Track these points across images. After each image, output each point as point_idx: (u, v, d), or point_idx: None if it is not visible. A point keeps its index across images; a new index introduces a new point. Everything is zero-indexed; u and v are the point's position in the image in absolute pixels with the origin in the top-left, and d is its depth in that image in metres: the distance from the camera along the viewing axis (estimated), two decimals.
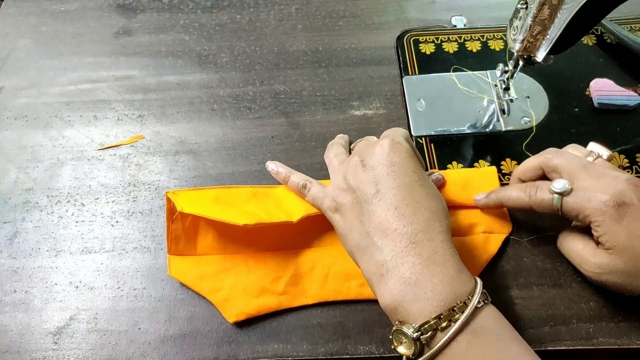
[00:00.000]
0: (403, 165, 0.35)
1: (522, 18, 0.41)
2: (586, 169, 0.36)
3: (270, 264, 0.42)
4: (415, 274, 0.31)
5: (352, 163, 0.37)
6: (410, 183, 0.34)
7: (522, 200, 0.38)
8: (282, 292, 0.41)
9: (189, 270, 0.42)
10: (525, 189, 0.38)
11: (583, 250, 0.37)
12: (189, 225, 0.42)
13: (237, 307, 0.40)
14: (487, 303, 0.32)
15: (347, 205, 0.36)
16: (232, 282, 0.41)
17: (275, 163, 0.45)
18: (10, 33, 0.59)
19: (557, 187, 0.36)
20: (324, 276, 0.41)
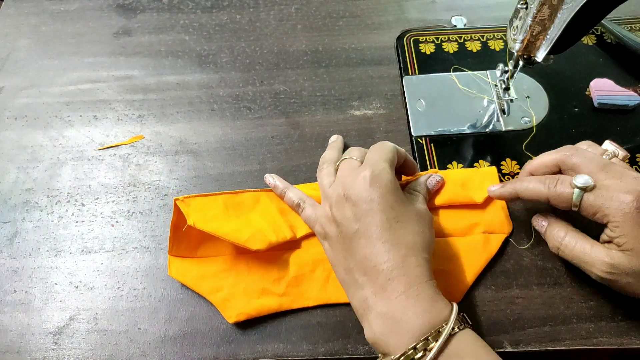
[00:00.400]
0: (381, 202, 0.35)
1: (522, 18, 0.41)
2: (606, 168, 0.36)
3: (271, 265, 0.42)
4: (391, 309, 0.33)
5: (336, 195, 0.37)
6: (388, 220, 0.35)
7: (540, 192, 0.37)
8: (283, 293, 0.40)
9: (189, 270, 0.42)
10: (544, 181, 0.37)
11: (593, 249, 0.35)
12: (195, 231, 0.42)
13: (237, 307, 0.40)
14: (464, 328, 0.32)
15: (334, 237, 0.38)
16: (233, 282, 0.41)
17: (273, 176, 0.45)
18: (10, 33, 0.59)
19: (579, 182, 0.35)
20: (325, 278, 0.41)
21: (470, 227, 0.43)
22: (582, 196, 0.35)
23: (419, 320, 0.32)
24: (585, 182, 0.35)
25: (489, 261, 0.42)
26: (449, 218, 0.43)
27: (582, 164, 0.37)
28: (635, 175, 0.35)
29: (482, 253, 0.42)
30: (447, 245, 0.42)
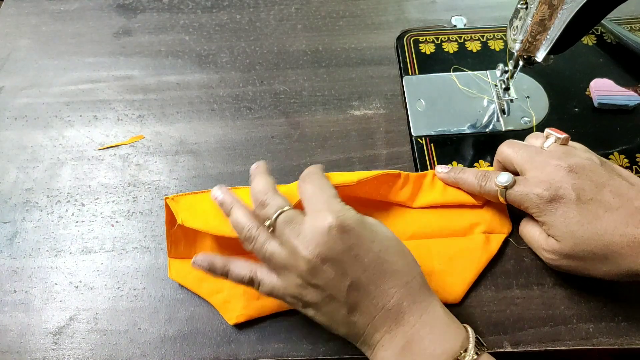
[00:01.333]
0: (361, 243, 0.32)
1: (522, 18, 0.41)
2: (532, 160, 0.38)
3: None
4: (408, 342, 0.32)
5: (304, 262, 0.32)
6: (377, 257, 0.33)
7: (473, 187, 0.41)
8: None
9: (189, 272, 0.41)
10: (478, 177, 0.41)
11: (539, 237, 0.38)
12: (188, 229, 0.42)
13: (237, 308, 0.40)
14: (482, 352, 0.32)
15: (319, 302, 0.33)
16: (233, 284, 0.40)
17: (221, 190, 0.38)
18: (10, 33, 0.59)
19: (501, 181, 0.38)
20: None
21: (471, 227, 0.43)
22: (505, 194, 0.38)
23: (437, 350, 0.31)
24: (506, 181, 0.38)
25: (489, 261, 0.42)
26: (449, 218, 0.43)
27: (513, 157, 0.40)
28: (557, 162, 0.37)
29: (483, 253, 0.42)
30: (447, 245, 0.42)
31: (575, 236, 0.35)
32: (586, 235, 0.35)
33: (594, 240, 0.34)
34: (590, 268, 0.36)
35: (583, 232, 0.35)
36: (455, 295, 0.40)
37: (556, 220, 0.36)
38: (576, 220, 0.35)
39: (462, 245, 0.42)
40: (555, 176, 0.36)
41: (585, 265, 0.36)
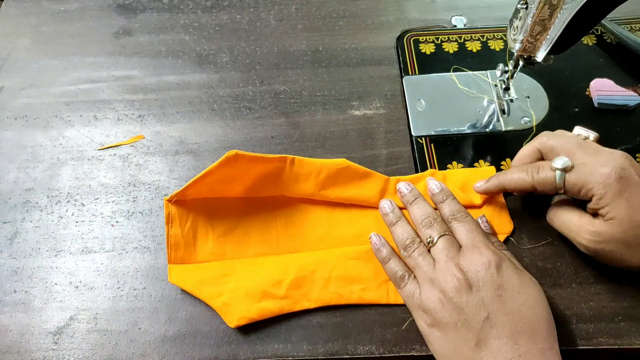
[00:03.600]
0: (509, 289, 0.34)
1: (522, 18, 0.41)
2: (582, 146, 0.38)
3: (271, 267, 0.41)
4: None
5: (454, 280, 0.35)
6: (520, 307, 0.33)
7: (524, 181, 0.39)
8: (284, 296, 0.40)
9: (189, 276, 0.41)
10: (527, 170, 0.39)
11: (580, 220, 0.37)
12: (187, 231, 0.42)
13: (238, 311, 0.39)
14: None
15: (451, 325, 0.34)
16: (233, 287, 0.40)
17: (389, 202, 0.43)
18: (10, 33, 0.59)
19: (558, 164, 0.37)
20: (326, 279, 0.41)
21: None
22: (564, 177, 0.36)
23: None
24: (564, 163, 0.36)
25: None
26: None
27: (559, 145, 0.38)
28: (611, 150, 0.37)
29: None
30: None
31: (633, 220, 0.34)
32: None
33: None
34: (630, 255, 0.36)
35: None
36: None
37: (620, 202, 0.35)
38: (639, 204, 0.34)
39: None
40: (615, 159, 0.36)
41: (627, 253, 0.36)
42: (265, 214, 0.44)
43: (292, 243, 0.43)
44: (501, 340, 0.32)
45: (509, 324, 0.33)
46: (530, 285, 0.35)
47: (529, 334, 0.33)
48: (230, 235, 0.43)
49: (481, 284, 0.34)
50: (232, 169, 0.41)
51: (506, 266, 0.35)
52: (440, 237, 0.38)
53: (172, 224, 0.42)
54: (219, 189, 0.43)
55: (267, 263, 0.42)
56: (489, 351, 0.33)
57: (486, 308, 0.33)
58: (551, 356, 0.33)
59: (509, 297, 0.34)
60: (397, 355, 0.39)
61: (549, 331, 0.34)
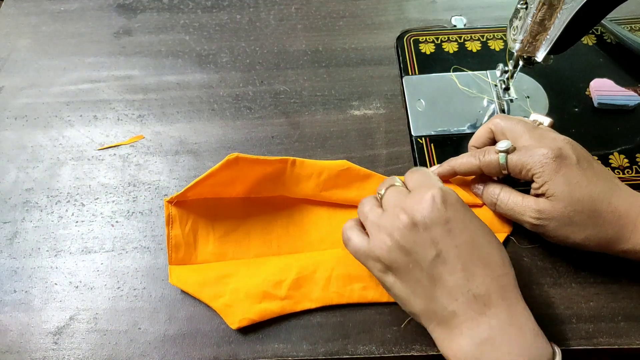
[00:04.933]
0: (458, 221, 0.33)
1: (522, 18, 0.41)
2: (529, 131, 0.39)
3: (271, 268, 0.41)
4: (492, 336, 0.31)
5: (398, 221, 0.33)
6: (471, 239, 0.33)
7: (472, 164, 0.41)
8: (285, 296, 0.40)
9: (189, 277, 0.41)
10: (474, 154, 0.41)
11: (523, 200, 0.39)
12: (188, 232, 0.42)
13: (239, 313, 0.39)
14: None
15: (403, 267, 0.33)
16: (234, 288, 0.40)
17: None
18: (10, 33, 0.59)
19: (501, 146, 0.39)
20: (327, 279, 0.41)
21: None
22: (506, 158, 0.38)
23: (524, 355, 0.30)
24: (507, 145, 0.39)
25: None
26: None
27: (509, 128, 0.40)
28: (555, 136, 0.39)
29: None
30: None
31: (572, 196, 0.36)
32: (582, 197, 0.36)
33: (587, 203, 0.36)
34: (573, 232, 0.37)
35: (580, 194, 0.36)
36: None
37: (558, 179, 0.36)
38: (576, 181, 0.36)
39: None
40: (555, 143, 0.38)
41: (569, 229, 0.37)
42: (266, 214, 0.44)
43: (293, 244, 0.43)
44: (455, 274, 0.32)
45: (461, 258, 0.32)
46: (477, 218, 0.35)
47: (483, 264, 0.33)
48: (231, 235, 0.43)
49: (428, 222, 0.33)
50: (232, 171, 0.41)
51: (453, 200, 0.34)
52: (387, 189, 0.37)
53: (172, 225, 0.42)
54: (219, 191, 0.43)
55: (267, 264, 0.42)
56: (444, 287, 0.33)
57: (436, 246, 0.33)
58: (507, 282, 0.33)
59: (459, 231, 0.33)
60: (397, 355, 0.39)
61: (502, 259, 0.34)
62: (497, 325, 0.31)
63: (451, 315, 0.32)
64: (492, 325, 0.31)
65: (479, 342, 0.31)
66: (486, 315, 0.32)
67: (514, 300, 0.33)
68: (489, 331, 0.31)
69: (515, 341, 0.31)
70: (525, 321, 0.32)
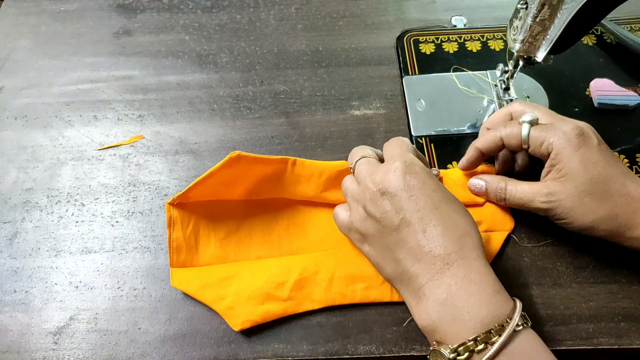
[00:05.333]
0: (422, 187, 0.35)
1: (522, 18, 0.41)
2: (549, 113, 0.40)
3: (273, 269, 0.41)
4: (451, 295, 0.32)
5: (368, 193, 0.36)
6: (434, 204, 0.34)
7: (494, 137, 0.41)
8: (287, 297, 0.40)
9: (191, 279, 0.41)
10: (497, 128, 0.41)
11: (532, 187, 0.39)
12: (189, 234, 0.42)
13: (242, 315, 0.39)
14: (527, 326, 0.32)
15: (374, 235, 0.36)
16: (236, 290, 0.40)
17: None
18: (10, 33, 0.59)
19: (526, 118, 0.39)
20: (329, 280, 0.41)
21: None
22: (529, 130, 0.39)
23: (482, 311, 0.31)
24: (531, 117, 0.39)
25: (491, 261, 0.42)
26: None
27: (530, 110, 0.41)
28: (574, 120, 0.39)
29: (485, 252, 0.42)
30: None
31: (585, 176, 0.36)
32: (595, 178, 0.36)
33: (599, 184, 0.36)
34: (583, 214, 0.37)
35: (593, 174, 0.36)
36: None
37: (574, 158, 0.37)
38: (593, 160, 0.36)
39: None
40: (577, 122, 0.38)
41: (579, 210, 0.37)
42: (267, 215, 0.44)
43: (294, 244, 0.43)
44: (416, 236, 0.34)
45: (423, 220, 0.34)
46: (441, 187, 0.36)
47: (443, 226, 0.33)
48: (232, 237, 0.43)
49: (392, 191, 0.35)
50: (234, 170, 0.41)
51: (417, 169, 0.36)
52: (357, 161, 0.39)
53: (174, 227, 0.42)
54: (220, 192, 0.43)
55: (269, 265, 0.42)
56: (408, 249, 0.34)
57: (400, 212, 0.34)
58: (467, 243, 0.33)
59: (422, 197, 0.34)
60: (397, 355, 0.39)
61: (464, 222, 0.34)
62: (455, 284, 0.32)
63: (415, 276, 0.34)
64: (450, 284, 0.32)
65: (440, 302, 0.32)
66: (446, 276, 0.32)
67: (473, 259, 0.33)
68: (448, 290, 0.32)
69: (475, 298, 0.31)
70: (485, 277, 0.33)
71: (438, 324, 0.32)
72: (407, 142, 0.40)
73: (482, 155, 0.43)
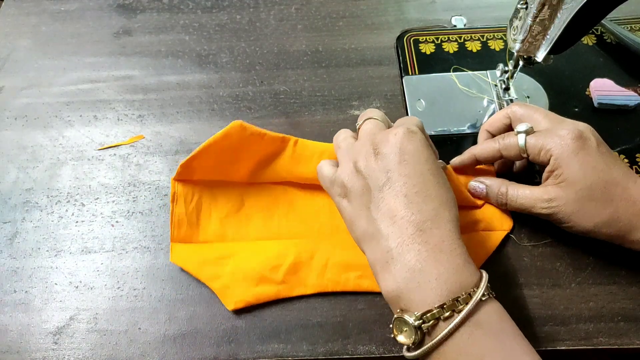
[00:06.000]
0: (415, 154, 0.34)
1: (522, 18, 0.41)
2: (548, 116, 0.40)
3: (270, 252, 0.42)
4: (420, 261, 0.31)
5: (364, 150, 0.36)
6: (422, 172, 0.34)
7: (492, 148, 0.41)
8: (281, 281, 0.41)
9: (190, 256, 0.42)
10: (495, 139, 0.42)
11: (532, 193, 0.39)
12: (191, 210, 0.43)
13: (236, 294, 0.40)
14: (492, 297, 0.32)
15: (357, 191, 0.35)
16: (232, 269, 0.41)
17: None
18: (10, 33, 0.59)
19: (521, 128, 0.39)
20: (323, 266, 0.41)
21: (471, 225, 0.43)
22: (526, 139, 0.39)
23: (451, 279, 0.31)
24: (526, 127, 0.39)
25: (488, 261, 0.42)
26: None
27: (527, 114, 0.41)
28: (574, 121, 0.39)
29: (481, 250, 0.42)
30: None
31: (585, 182, 0.36)
32: (595, 183, 0.36)
33: (600, 188, 0.36)
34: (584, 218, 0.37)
35: (594, 179, 0.36)
36: None
37: (574, 163, 0.36)
38: (592, 165, 0.36)
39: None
40: (576, 125, 0.38)
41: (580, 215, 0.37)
42: (268, 199, 0.45)
43: (293, 229, 0.44)
44: (397, 199, 0.33)
45: (407, 186, 0.33)
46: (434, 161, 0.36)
47: (424, 195, 0.33)
48: (233, 217, 0.44)
49: (387, 151, 0.34)
50: (236, 141, 0.41)
51: (417, 138, 0.35)
52: (366, 120, 0.39)
53: (177, 202, 0.43)
54: (223, 170, 0.43)
55: (266, 247, 0.42)
56: (386, 210, 0.33)
57: (388, 172, 0.34)
58: (444, 215, 0.33)
59: (413, 162, 0.34)
60: (397, 355, 0.39)
61: (445, 197, 0.34)
62: (426, 251, 0.32)
63: (385, 238, 0.33)
64: (421, 250, 0.32)
65: (408, 267, 0.31)
66: (417, 242, 0.32)
67: (448, 230, 0.33)
68: (417, 256, 0.31)
69: (444, 266, 0.31)
70: (457, 248, 0.32)
71: (404, 290, 0.31)
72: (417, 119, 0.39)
73: (477, 162, 0.44)
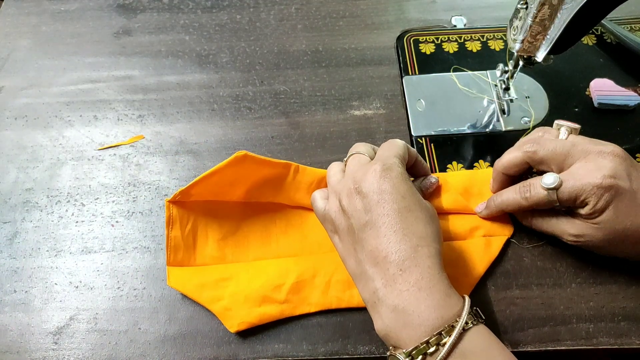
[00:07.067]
0: (392, 193, 0.35)
1: (522, 18, 0.41)
2: (570, 153, 0.37)
3: (271, 271, 0.41)
4: (402, 301, 0.32)
5: (346, 187, 0.37)
6: (399, 210, 0.35)
7: (519, 204, 0.39)
8: (284, 300, 0.40)
9: (188, 280, 0.41)
10: (519, 191, 0.39)
11: (558, 223, 0.39)
12: (188, 234, 0.42)
13: (238, 316, 0.39)
14: (477, 323, 0.32)
15: (344, 230, 0.37)
16: (233, 291, 0.40)
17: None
18: (10, 33, 0.59)
19: (548, 183, 0.37)
20: (326, 284, 0.41)
21: (471, 231, 0.43)
22: (557, 194, 0.37)
23: (432, 314, 0.31)
24: (553, 182, 0.36)
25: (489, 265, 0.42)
26: (449, 222, 0.43)
27: (548, 157, 0.38)
28: (599, 149, 0.37)
29: (483, 257, 0.41)
30: (448, 249, 0.42)
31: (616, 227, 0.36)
32: (626, 228, 0.36)
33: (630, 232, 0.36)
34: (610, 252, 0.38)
35: (625, 224, 0.36)
36: None
37: (608, 212, 0.36)
38: (625, 212, 0.35)
39: (462, 249, 0.42)
40: (603, 163, 0.36)
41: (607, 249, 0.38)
42: (265, 217, 0.44)
43: (292, 246, 0.43)
44: (377, 239, 0.34)
45: (386, 225, 0.34)
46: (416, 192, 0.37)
47: (404, 233, 0.34)
48: (230, 238, 0.43)
49: (366, 191, 0.35)
50: (238, 169, 0.41)
51: (393, 175, 0.36)
52: (350, 156, 0.40)
53: (172, 226, 0.41)
54: (220, 192, 0.43)
55: (267, 267, 0.42)
56: (368, 251, 0.34)
57: (368, 213, 0.35)
58: (424, 252, 0.34)
59: (390, 201, 0.35)
60: None
61: (425, 231, 0.35)
62: (407, 291, 0.32)
63: (371, 279, 0.34)
64: (402, 290, 0.32)
65: (392, 308, 0.33)
66: (398, 282, 0.33)
67: (427, 267, 0.33)
68: (399, 296, 0.32)
69: (424, 304, 0.32)
70: (436, 284, 0.33)
71: (392, 330, 0.33)
72: (399, 144, 0.40)
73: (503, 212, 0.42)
